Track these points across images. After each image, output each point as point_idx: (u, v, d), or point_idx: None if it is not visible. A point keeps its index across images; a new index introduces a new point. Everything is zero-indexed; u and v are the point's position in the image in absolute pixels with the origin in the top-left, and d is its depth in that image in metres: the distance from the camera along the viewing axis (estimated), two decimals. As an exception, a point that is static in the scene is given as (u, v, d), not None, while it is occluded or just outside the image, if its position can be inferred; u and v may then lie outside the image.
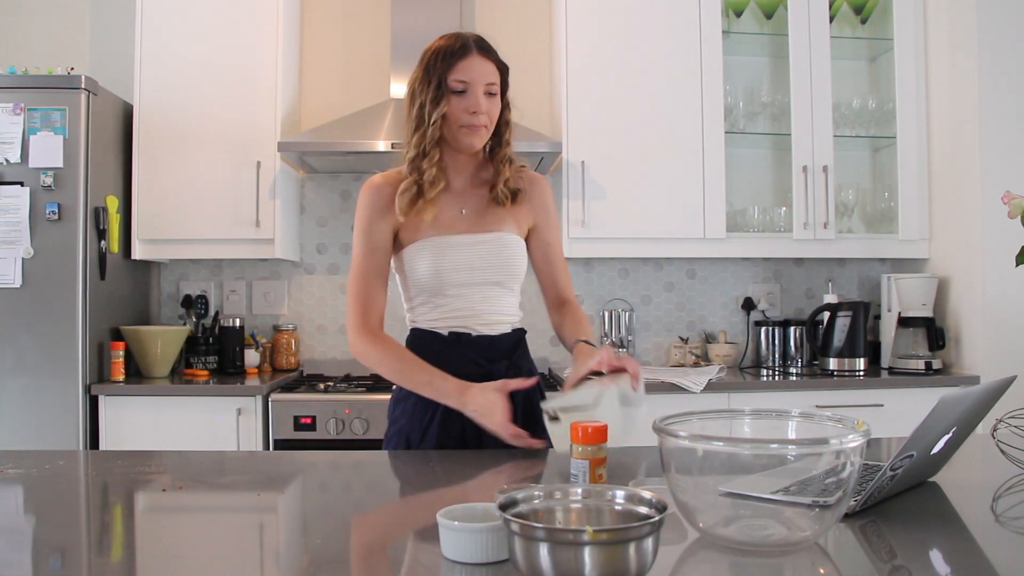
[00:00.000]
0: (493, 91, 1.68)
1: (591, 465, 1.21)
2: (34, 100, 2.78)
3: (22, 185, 2.76)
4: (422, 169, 1.66)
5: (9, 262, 2.75)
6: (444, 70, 1.63)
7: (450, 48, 1.65)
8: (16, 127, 2.76)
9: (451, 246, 1.68)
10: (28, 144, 2.76)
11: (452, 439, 1.67)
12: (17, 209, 2.75)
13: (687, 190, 3.17)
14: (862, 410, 2.85)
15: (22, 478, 1.44)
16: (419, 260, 1.68)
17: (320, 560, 1.05)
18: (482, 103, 1.65)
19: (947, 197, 3.16)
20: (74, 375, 2.77)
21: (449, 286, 1.68)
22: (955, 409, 1.17)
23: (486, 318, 1.71)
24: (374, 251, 1.70)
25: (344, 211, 3.49)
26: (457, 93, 1.64)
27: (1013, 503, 1.27)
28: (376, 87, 3.37)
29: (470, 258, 1.69)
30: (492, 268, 1.71)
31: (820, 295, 3.45)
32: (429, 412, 1.68)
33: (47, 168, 2.77)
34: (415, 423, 1.70)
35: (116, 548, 1.12)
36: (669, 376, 2.93)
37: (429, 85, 1.64)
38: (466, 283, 1.69)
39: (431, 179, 1.66)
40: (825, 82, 3.21)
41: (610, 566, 0.82)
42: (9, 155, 2.75)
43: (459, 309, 1.70)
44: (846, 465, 0.97)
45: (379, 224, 1.69)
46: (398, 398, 1.75)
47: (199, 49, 3.11)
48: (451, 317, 1.70)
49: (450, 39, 1.68)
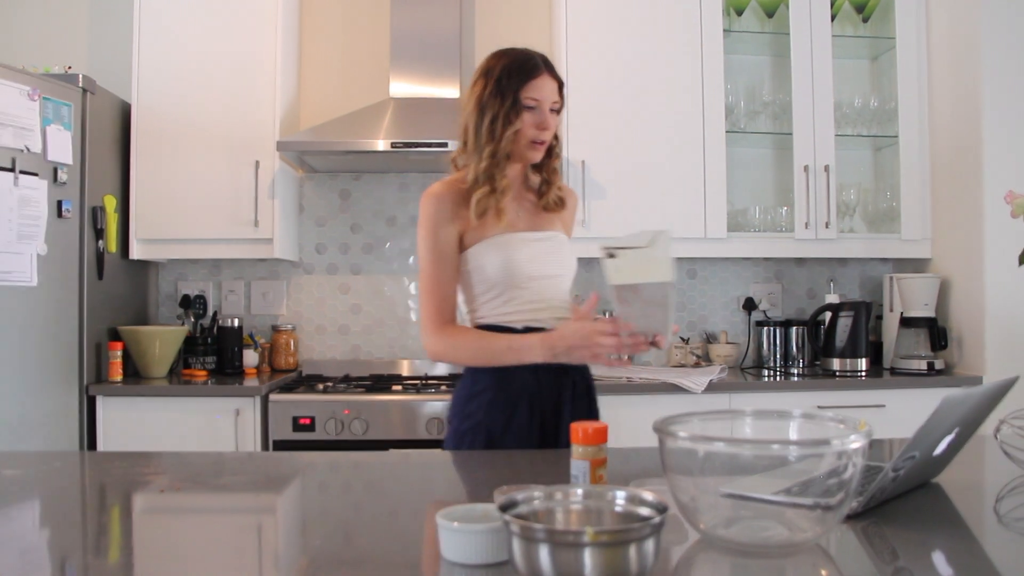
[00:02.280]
0: (556, 108, 1.79)
1: (591, 466, 1.20)
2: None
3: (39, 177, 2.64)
4: (495, 179, 1.75)
5: (26, 259, 2.58)
6: (517, 87, 1.73)
7: (522, 66, 1.75)
8: (33, 113, 2.59)
9: (519, 241, 1.78)
10: (47, 135, 2.64)
11: (533, 432, 1.74)
12: (37, 202, 2.60)
13: (688, 190, 3.16)
14: (864, 411, 2.85)
15: (20, 479, 1.44)
16: (490, 256, 1.75)
17: (319, 561, 1.04)
18: (550, 120, 1.76)
19: (949, 197, 3.15)
20: (72, 375, 2.77)
21: (521, 278, 1.76)
22: (958, 410, 1.16)
23: (554, 310, 1.79)
24: (443, 256, 1.77)
25: (343, 211, 3.49)
26: (528, 109, 1.74)
27: (1016, 504, 1.26)
28: (375, 86, 3.36)
29: (537, 252, 1.79)
30: (555, 263, 1.81)
31: (822, 295, 3.44)
32: (510, 406, 1.73)
33: (61, 163, 2.68)
34: (496, 417, 1.73)
35: (114, 549, 1.12)
36: (670, 376, 2.93)
37: (502, 101, 1.73)
38: (535, 276, 1.77)
39: (503, 188, 1.76)
40: (827, 81, 3.21)
41: (611, 567, 0.82)
42: (30, 143, 2.56)
43: (530, 301, 1.77)
44: (848, 466, 0.97)
45: (446, 229, 1.76)
46: (472, 393, 1.78)
47: (197, 48, 3.11)
48: (524, 310, 1.77)
49: (518, 56, 1.77)
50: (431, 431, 2.74)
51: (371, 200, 3.50)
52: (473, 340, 1.74)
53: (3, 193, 2.51)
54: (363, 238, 3.50)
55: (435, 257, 1.76)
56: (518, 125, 1.73)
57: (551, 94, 1.76)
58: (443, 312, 1.76)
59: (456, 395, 1.82)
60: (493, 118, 1.73)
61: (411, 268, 3.50)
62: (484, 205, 1.73)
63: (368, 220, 3.50)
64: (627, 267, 1.46)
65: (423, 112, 3.15)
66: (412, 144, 2.95)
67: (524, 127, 1.74)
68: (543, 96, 1.74)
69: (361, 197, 3.50)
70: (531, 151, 1.77)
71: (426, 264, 1.77)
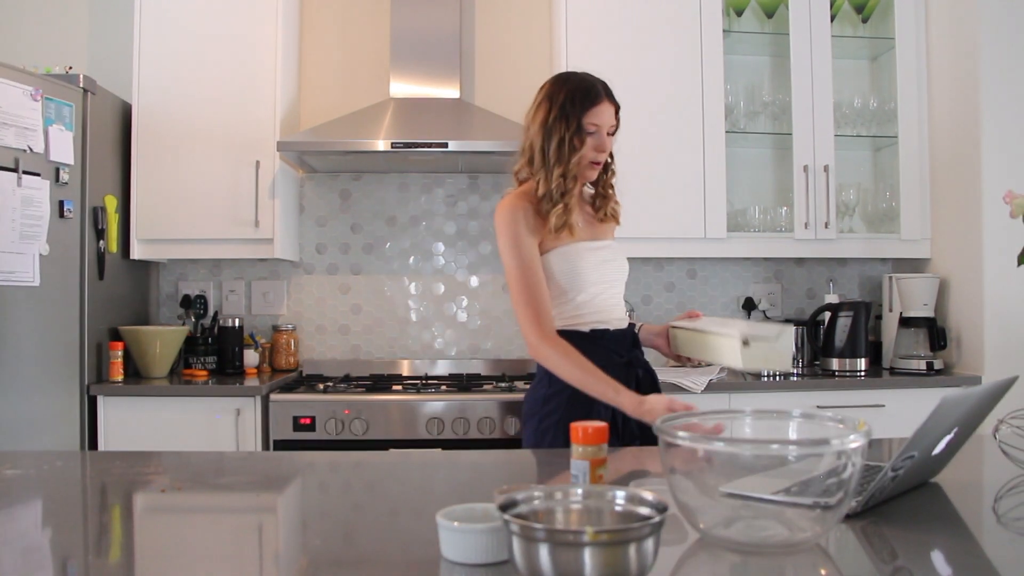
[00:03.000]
0: (612, 132, 1.95)
1: (591, 466, 1.21)
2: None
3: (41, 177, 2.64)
4: (566, 199, 1.89)
5: (27, 258, 2.60)
6: (581, 113, 1.88)
7: (586, 93, 1.90)
8: (36, 113, 2.61)
9: (585, 250, 1.93)
10: (48, 136, 2.66)
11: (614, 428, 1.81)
12: (40, 203, 2.62)
13: (688, 190, 3.16)
14: (863, 410, 2.85)
15: (20, 479, 1.44)
16: (561, 262, 1.90)
17: (319, 561, 1.05)
18: (607, 144, 1.93)
19: (949, 197, 3.15)
20: (73, 375, 2.77)
21: (587, 284, 1.91)
22: (957, 409, 1.16)
23: (617, 313, 1.97)
24: (530, 262, 1.88)
25: (343, 211, 3.49)
26: (590, 134, 1.89)
27: (1015, 504, 1.26)
28: (376, 87, 3.36)
29: (598, 260, 1.94)
30: (613, 269, 1.99)
31: (821, 295, 3.44)
32: (588, 403, 1.83)
33: (63, 163, 2.69)
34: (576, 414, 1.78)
35: (115, 549, 1.12)
36: (670, 376, 2.93)
37: (567, 126, 1.88)
38: (598, 281, 1.93)
39: (573, 205, 1.90)
40: (826, 81, 3.21)
41: (611, 567, 0.82)
42: (33, 143, 2.59)
43: (595, 306, 1.93)
44: (847, 466, 0.97)
45: (528, 239, 1.88)
46: (549, 394, 1.90)
47: (198, 48, 3.11)
48: (589, 313, 1.92)
49: (580, 82, 1.92)
50: (431, 431, 2.75)
51: (371, 200, 3.50)
52: (578, 368, 1.82)
53: (7, 193, 2.51)
54: (363, 238, 3.50)
55: (524, 265, 1.87)
56: (583, 151, 1.88)
57: (609, 119, 1.91)
58: (543, 317, 1.86)
59: (532, 395, 1.95)
60: (560, 142, 1.87)
61: (411, 268, 3.50)
62: (561, 220, 1.87)
63: (368, 220, 3.50)
64: (758, 355, 1.71)
65: (423, 112, 3.15)
66: (412, 144, 2.95)
67: (585, 150, 1.89)
68: (603, 121, 1.89)
69: (361, 197, 3.50)
70: (589, 171, 1.93)
71: (517, 274, 1.87)
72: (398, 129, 3.04)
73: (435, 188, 3.51)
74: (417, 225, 3.51)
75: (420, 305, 3.50)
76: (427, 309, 3.50)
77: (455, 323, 3.50)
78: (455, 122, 3.14)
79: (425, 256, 3.51)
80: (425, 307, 3.50)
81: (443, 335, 3.50)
